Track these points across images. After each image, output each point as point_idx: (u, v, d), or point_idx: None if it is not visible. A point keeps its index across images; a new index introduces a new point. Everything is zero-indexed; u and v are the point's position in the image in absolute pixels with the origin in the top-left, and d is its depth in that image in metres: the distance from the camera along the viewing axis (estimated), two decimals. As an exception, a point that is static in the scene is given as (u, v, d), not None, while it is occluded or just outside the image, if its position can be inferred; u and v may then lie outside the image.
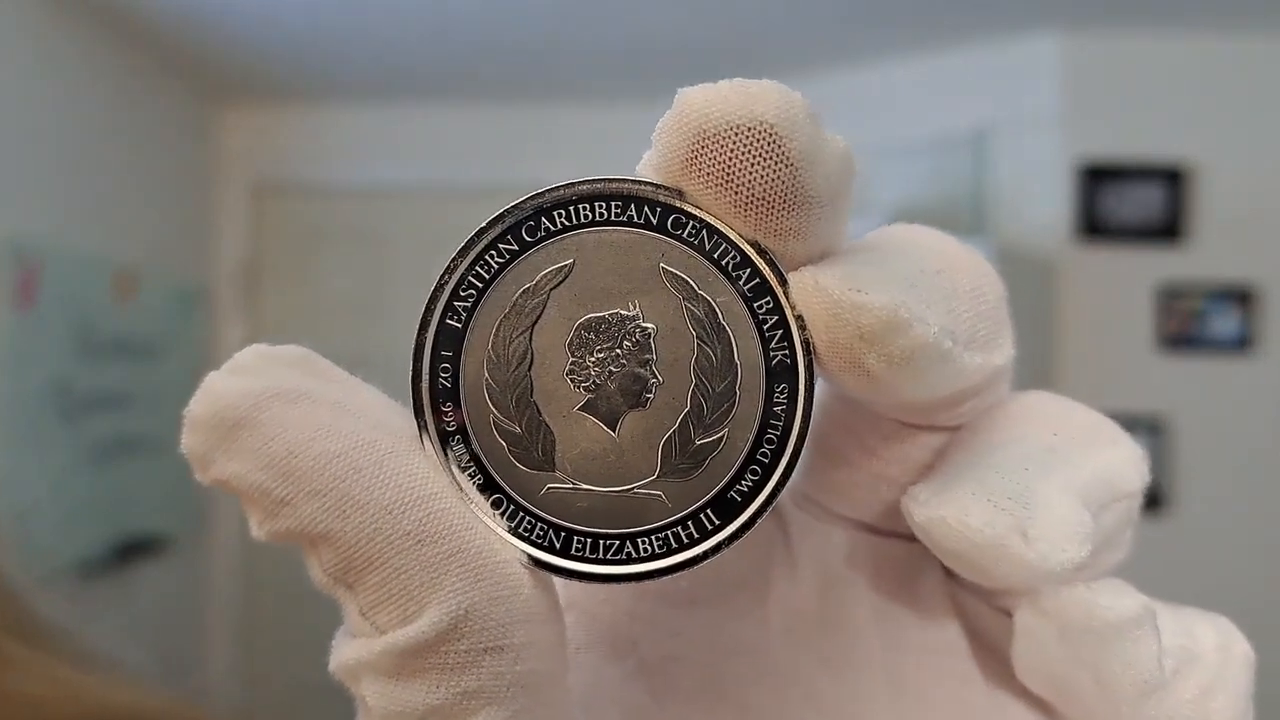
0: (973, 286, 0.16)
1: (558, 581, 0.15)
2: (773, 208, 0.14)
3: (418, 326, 0.15)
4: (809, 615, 0.18)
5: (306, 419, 0.14)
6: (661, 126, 0.15)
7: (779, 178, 0.14)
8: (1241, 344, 1.96)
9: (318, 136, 2.57)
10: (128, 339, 2.13)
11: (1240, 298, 1.96)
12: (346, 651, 0.15)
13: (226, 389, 0.14)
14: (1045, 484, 0.15)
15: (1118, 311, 1.97)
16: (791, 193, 0.14)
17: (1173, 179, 1.96)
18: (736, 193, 0.14)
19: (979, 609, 0.18)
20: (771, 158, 0.14)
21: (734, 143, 0.14)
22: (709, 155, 0.14)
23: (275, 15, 1.99)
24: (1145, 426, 1.93)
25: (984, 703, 0.17)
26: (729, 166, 0.14)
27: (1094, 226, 1.96)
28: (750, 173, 0.14)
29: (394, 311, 2.57)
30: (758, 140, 0.14)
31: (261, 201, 2.59)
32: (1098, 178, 1.96)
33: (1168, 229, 1.96)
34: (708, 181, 0.14)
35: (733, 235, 0.15)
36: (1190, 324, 1.96)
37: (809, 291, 0.15)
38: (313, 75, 2.36)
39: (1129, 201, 1.96)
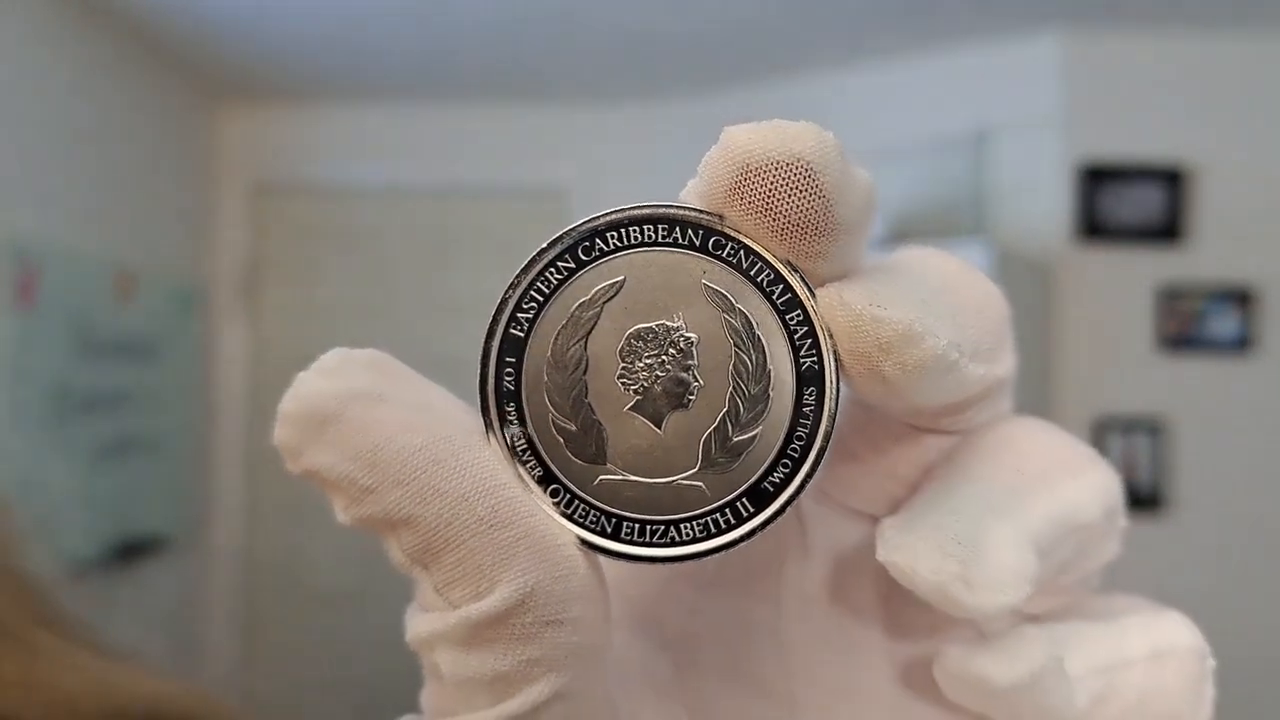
0: (978, 305, 0.18)
1: (603, 563, 0.17)
2: (806, 234, 0.16)
3: (484, 335, 0.17)
4: (819, 599, 0.20)
5: (389, 416, 0.15)
6: (708, 160, 0.17)
7: (813, 208, 0.16)
8: (1241, 345, 1.96)
9: (318, 137, 2.57)
10: (127, 339, 2.14)
11: (1240, 298, 1.96)
12: (422, 625, 0.16)
13: (316, 389, 0.16)
14: (997, 528, 0.17)
15: (1117, 312, 1.97)
16: (823, 221, 0.16)
17: (1172, 180, 1.96)
18: (774, 220, 0.16)
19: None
20: (807, 190, 0.16)
21: (774, 176, 0.16)
22: (751, 186, 0.16)
23: (276, 15, 1.99)
24: (1145, 427, 1.93)
25: None
26: (769, 197, 0.16)
27: (1094, 227, 1.96)
28: (787, 203, 0.16)
29: (394, 311, 2.57)
30: (795, 175, 0.16)
31: (261, 202, 2.59)
32: (1098, 178, 1.96)
33: (1167, 230, 1.96)
34: (749, 209, 0.16)
35: (767, 255, 0.17)
36: (1190, 325, 1.96)
37: (834, 306, 0.17)
38: (313, 76, 2.37)
39: (1129, 202, 1.96)
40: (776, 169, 0.16)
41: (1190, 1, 1.86)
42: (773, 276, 0.17)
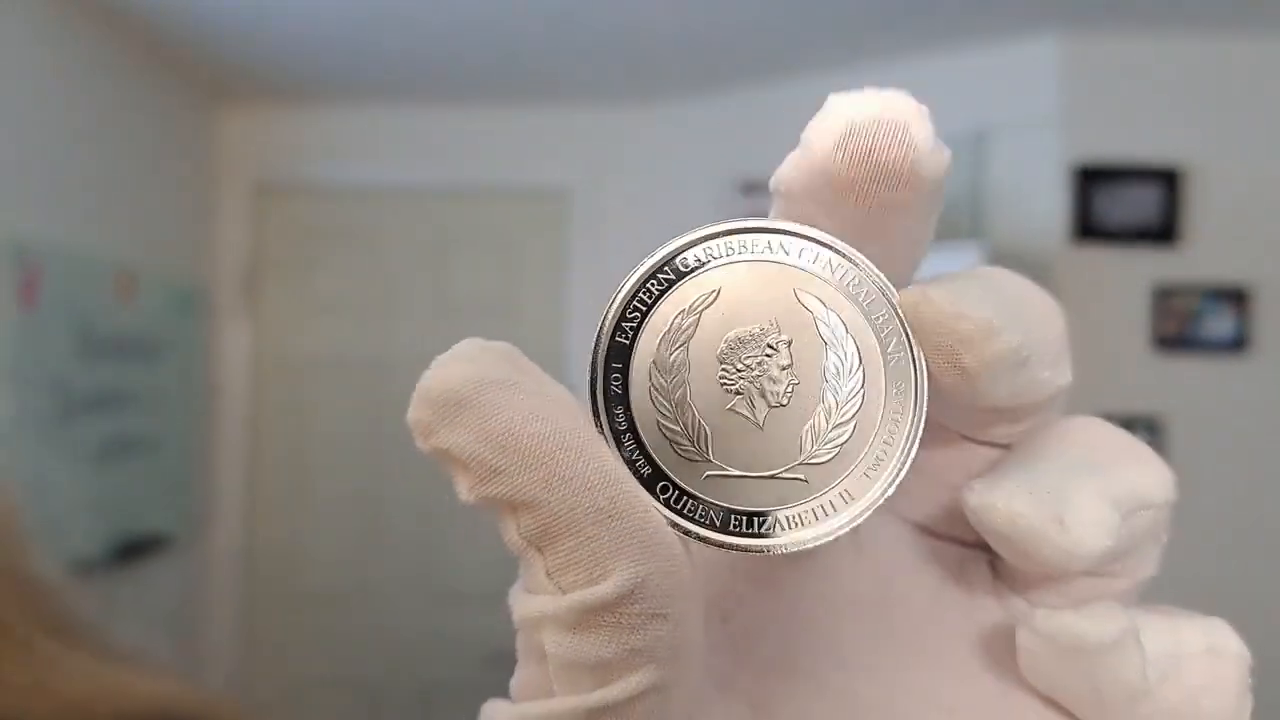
0: (1043, 315, 0.19)
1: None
2: (899, 181, 0.18)
3: (593, 343, 0.18)
4: (871, 600, 0.21)
5: (520, 403, 0.16)
6: (813, 125, 0.18)
7: (906, 157, 0.18)
8: (1237, 345, 1.97)
9: (319, 137, 2.57)
10: (128, 339, 2.14)
11: (1235, 298, 1.97)
12: (532, 605, 0.17)
13: (454, 372, 0.16)
14: (1081, 486, 0.18)
15: (1113, 312, 1.98)
16: (914, 170, 0.18)
17: (1168, 180, 1.97)
18: (875, 166, 0.18)
19: (1020, 608, 0.21)
20: (904, 141, 0.18)
21: (876, 129, 0.18)
22: (855, 140, 0.18)
23: (276, 15, 2.00)
24: (1141, 427, 1.94)
25: (1018, 691, 0.20)
26: (872, 145, 0.18)
27: (1090, 228, 1.97)
28: (886, 151, 0.18)
29: (395, 311, 2.58)
30: (894, 129, 0.18)
31: (262, 202, 2.59)
32: (1094, 179, 1.97)
33: (1163, 230, 1.97)
34: (853, 158, 0.18)
35: (854, 260, 0.19)
36: (1186, 325, 1.97)
37: (919, 303, 0.18)
38: (314, 76, 2.37)
39: (1125, 203, 1.97)
40: (877, 125, 0.18)
41: (1188, 3, 1.86)
42: (858, 280, 0.19)
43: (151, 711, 0.34)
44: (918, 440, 0.18)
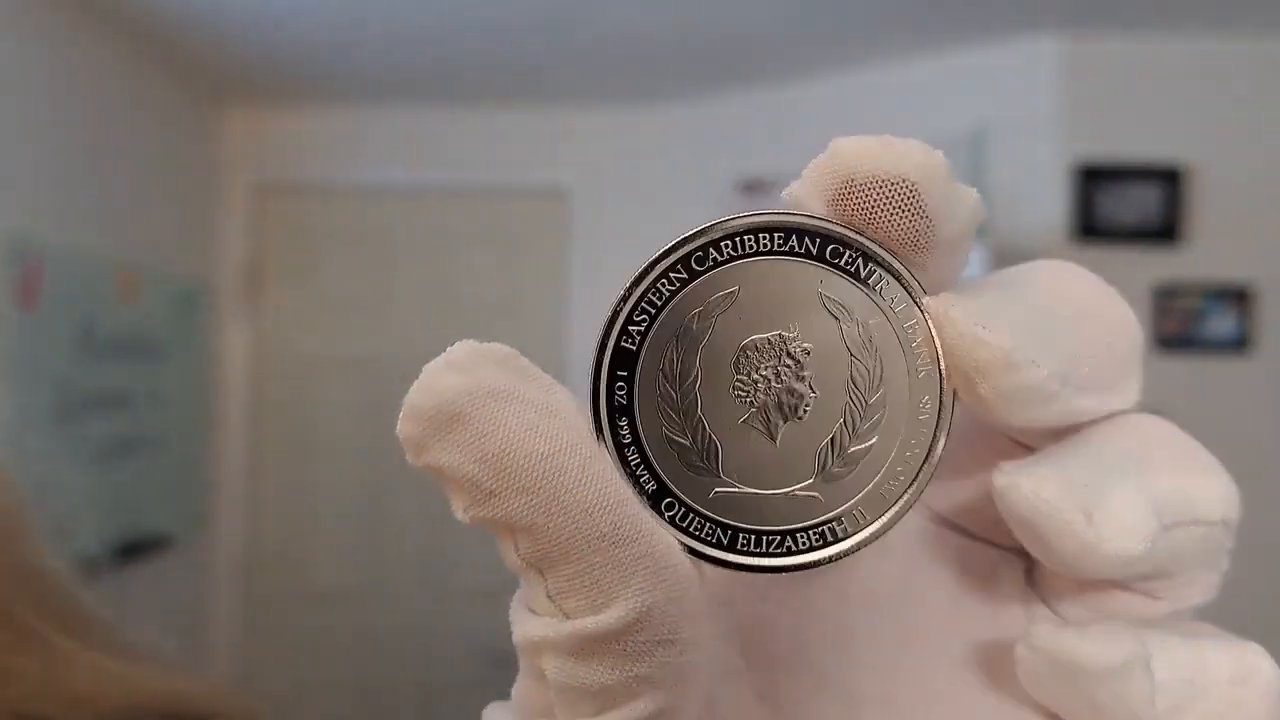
0: (1105, 335, 0.17)
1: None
2: (906, 249, 0.16)
3: (596, 348, 0.17)
4: (889, 596, 0.20)
5: (518, 419, 0.15)
6: (814, 165, 0.16)
7: (914, 228, 0.16)
8: (1239, 344, 1.97)
9: (320, 137, 2.57)
10: (130, 339, 2.14)
11: (1237, 298, 1.97)
12: (533, 628, 0.16)
13: (445, 384, 0.15)
14: (1120, 483, 0.17)
15: (1115, 312, 1.98)
16: (924, 239, 0.16)
17: (1170, 179, 1.96)
18: (876, 233, 0.16)
19: (1044, 618, 0.19)
20: (910, 210, 0.16)
21: (878, 192, 0.16)
22: (854, 200, 0.16)
23: (278, 16, 2.00)
24: (1143, 426, 1.93)
25: (1025, 704, 0.19)
26: (871, 212, 0.16)
27: (1091, 227, 1.97)
28: (890, 220, 0.16)
29: (396, 312, 2.58)
30: (899, 193, 0.16)
31: (263, 202, 2.59)
32: (1095, 178, 1.97)
33: (1165, 229, 1.97)
34: (852, 218, 0.16)
35: (887, 260, 0.17)
36: (1188, 324, 1.97)
37: (940, 319, 0.17)
38: (315, 76, 2.37)
39: (1126, 202, 1.96)
40: (881, 186, 0.16)
41: (1189, 2, 1.86)
42: (890, 283, 0.17)
43: (164, 707, 0.34)
44: (938, 461, 0.17)
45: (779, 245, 0.17)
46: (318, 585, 2.55)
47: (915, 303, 0.17)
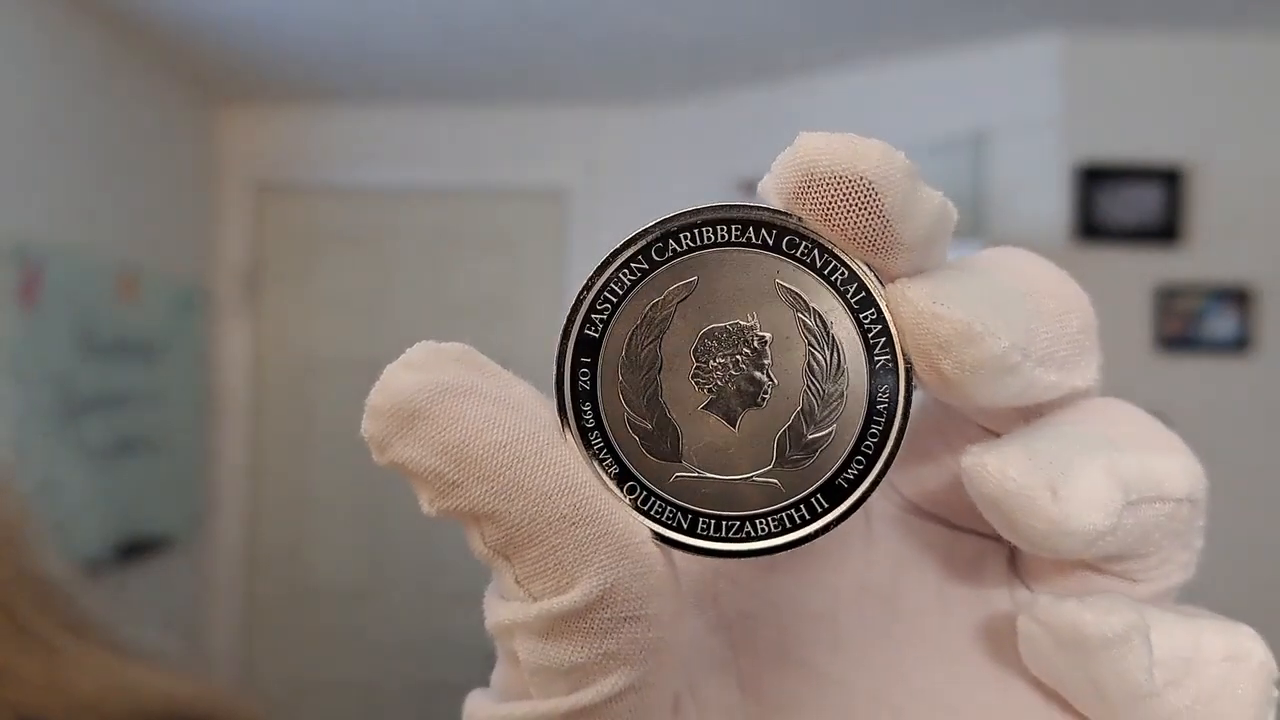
0: (1057, 311, 0.18)
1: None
2: (864, 248, 0.17)
3: (559, 336, 0.17)
4: (878, 590, 0.20)
5: (475, 412, 0.16)
6: (780, 160, 0.17)
7: (872, 226, 0.16)
8: (1239, 344, 1.97)
9: (319, 137, 2.58)
10: (130, 339, 2.14)
11: (1238, 298, 1.97)
12: (503, 612, 0.16)
13: (404, 383, 0.16)
14: (1088, 459, 0.17)
15: (1116, 312, 1.98)
16: (882, 239, 0.16)
17: (1170, 180, 1.96)
18: (833, 229, 0.17)
19: (1027, 600, 0.20)
20: (866, 208, 0.16)
21: (836, 189, 0.16)
22: (813, 194, 0.16)
23: (278, 16, 2.00)
24: (1143, 426, 1.93)
25: (1020, 686, 0.19)
26: (829, 208, 0.16)
27: (1092, 228, 1.97)
28: (846, 217, 0.16)
29: (395, 312, 2.58)
30: (856, 191, 0.16)
31: (263, 202, 2.60)
32: (1096, 179, 1.97)
33: (1166, 230, 1.97)
34: (811, 216, 0.17)
35: (841, 254, 0.17)
36: (1188, 325, 1.97)
37: (898, 301, 0.17)
38: (315, 76, 2.37)
39: (1127, 203, 1.96)
40: (839, 183, 0.16)
41: (1189, 2, 1.86)
42: (846, 275, 0.17)
43: (168, 708, 0.34)
44: (900, 449, 0.17)
45: (736, 237, 0.17)
46: (317, 585, 2.55)
47: (871, 293, 0.17)
